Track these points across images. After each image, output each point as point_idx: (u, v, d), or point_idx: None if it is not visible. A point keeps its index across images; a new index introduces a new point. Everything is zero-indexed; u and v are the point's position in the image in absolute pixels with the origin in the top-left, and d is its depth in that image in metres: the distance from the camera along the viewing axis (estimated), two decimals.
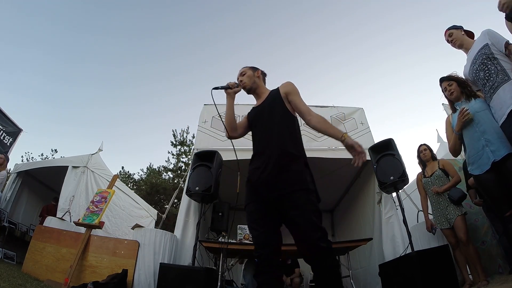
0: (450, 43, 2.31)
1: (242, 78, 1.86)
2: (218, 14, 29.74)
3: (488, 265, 2.98)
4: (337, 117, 4.59)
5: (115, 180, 3.99)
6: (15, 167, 6.10)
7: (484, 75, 1.99)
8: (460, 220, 2.75)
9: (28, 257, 3.36)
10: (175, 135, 14.44)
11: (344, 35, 30.82)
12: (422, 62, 33.74)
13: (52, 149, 15.42)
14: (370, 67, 33.85)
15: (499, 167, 1.90)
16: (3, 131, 6.06)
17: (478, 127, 2.08)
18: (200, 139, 4.38)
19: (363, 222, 4.48)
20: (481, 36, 2.07)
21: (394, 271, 2.84)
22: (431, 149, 3.32)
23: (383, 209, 3.69)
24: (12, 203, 5.59)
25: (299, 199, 1.46)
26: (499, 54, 1.93)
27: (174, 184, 13.15)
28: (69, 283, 2.88)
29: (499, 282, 2.43)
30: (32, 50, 25.73)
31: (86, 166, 5.24)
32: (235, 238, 3.36)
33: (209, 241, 3.29)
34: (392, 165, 3.28)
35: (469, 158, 2.14)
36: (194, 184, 3.39)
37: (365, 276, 4.09)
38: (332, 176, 4.74)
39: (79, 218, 3.49)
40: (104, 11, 26.23)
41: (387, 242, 3.48)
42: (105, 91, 29.46)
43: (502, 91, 1.87)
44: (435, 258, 2.56)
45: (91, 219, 3.36)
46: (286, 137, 1.62)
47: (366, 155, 1.47)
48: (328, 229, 6.10)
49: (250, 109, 1.91)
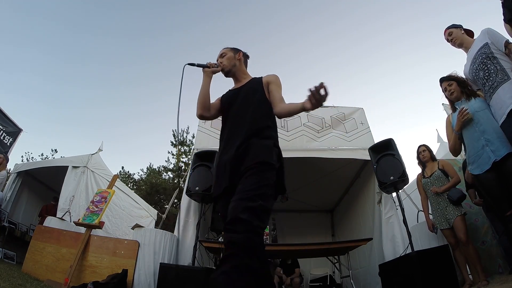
0: (450, 42, 2.31)
1: (221, 60, 1.75)
2: (218, 14, 29.75)
3: (488, 265, 2.98)
4: (337, 117, 4.59)
5: (115, 180, 4.00)
6: (15, 167, 6.10)
7: (483, 74, 1.99)
8: (459, 220, 2.74)
9: (28, 257, 3.36)
10: (175, 135, 14.46)
11: (344, 35, 30.82)
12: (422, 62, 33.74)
13: (52, 149, 15.40)
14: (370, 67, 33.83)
15: (499, 166, 1.90)
16: (3, 131, 6.06)
17: (478, 127, 2.08)
18: (200, 139, 4.38)
19: (363, 222, 4.48)
20: (481, 35, 2.07)
21: (394, 271, 2.84)
22: (430, 149, 3.32)
23: (383, 209, 3.68)
24: (12, 203, 5.59)
25: (255, 167, 1.33)
26: (499, 53, 1.93)
27: (174, 184, 13.16)
28: (69, 283, 2.88)
29: (499, 282, 2.43)
30: (32, 50, 25.74)
31: (86, 166, 5.24)
32: None
33: (209, 241, 3.29)
34: (392, 165, 3.28)
35: (469, 158, 2.14)
36: (194, 184, 3.39)
37: (365, 276, 4.09)
38: (332, 176, 4.75)
39: (79, 218, 3.50)
40: (104, 11, 26.23)
41: (387, 242, 3.48)
42: (105, 91, 29.45)
43: (502, 91, 1.87)
44: (435, 258, 2.56)
45: (91, 219, 3.36)
46: (259, 119, 1.54)
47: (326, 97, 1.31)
48: (328, 229, 6.19)
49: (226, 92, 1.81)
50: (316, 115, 4.58)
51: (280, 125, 4.46)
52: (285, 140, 4.28)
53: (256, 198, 1.22)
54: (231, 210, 1.20)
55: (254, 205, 1.19)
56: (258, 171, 1.32)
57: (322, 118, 4.54)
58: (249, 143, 1.44)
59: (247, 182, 1.29)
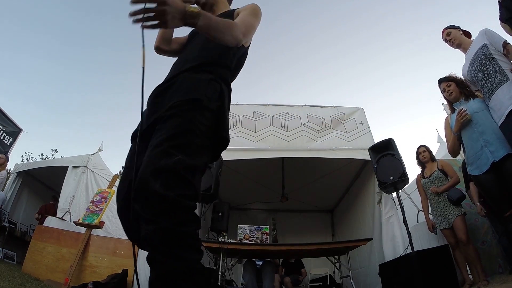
0: (448, 42, 2.31)
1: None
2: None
3: (488, 265, 2.98)
4: (337, 117, 4.59)
5: (115, 180, 4.00)
6: (15, 167, 6.10)
7: (482, 75, 1.99)
8: (459, 220, 2.75)
9: (28, 257, 3.37)
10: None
11: (345, 37, 30.84)
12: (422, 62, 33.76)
13: (52, 149, 15.43)
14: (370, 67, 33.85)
15: (498, 167, 1.90)
16: (3, 131, 6.06)
17: (476, 128, 2.08)
18: None
19: (363, 222, 4.48)
20: (479, 36, 2.07)
21: (394, 271, 2.83)
22: (430, 150, 3.33)
23: (383, 209, 3.68)
24: (12, 203, 5.59)
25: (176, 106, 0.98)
26: (497, 54, 1.94)
27: None
28: (69, 283, 2.88)
29: (499, 282, 2.43)
30: (33, 50, 25.76)
31: (86, 166, 5.25)
32: (235, 238, 3.36)
33: (209, 241, 3.29)
34: (392, 165, 3.28)
35: (468, 159, 2.14)
36: None
37: (365, 276, 4.09)
38: (332, 176, 4.75)
39: (79, 218, 3.50)
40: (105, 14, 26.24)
41: (387, 242, 3.48)
42: (105, 91, 29.49)
43: (501, 92, 1.87)
44: (435, 258, 2.56)
45: (91, 219, 3.36)
46: (207, 53, 1.18)
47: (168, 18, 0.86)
48: (328, 229, 6.19)
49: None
50: (316, 115, 4.59)
51: (280, 125, 4.46)
52: (285, 140, 4.28)
53: (172, 150, 0.87)
54: (140, 173, 0.86)
55: (168, 164, 0.84)
56: (178, 112, 0.96)
57: (322, 118, 4.54)
58: (179, 78, 1.11)
59: (162, 129, 0.94)
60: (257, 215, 6.24)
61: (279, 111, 4.65)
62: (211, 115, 1.02)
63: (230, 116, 4.82)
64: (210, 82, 1.08)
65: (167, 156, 0.86)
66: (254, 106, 4.71)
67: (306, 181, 5.00)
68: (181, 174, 0.86)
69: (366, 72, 36.10)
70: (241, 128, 4.39)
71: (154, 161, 0.86)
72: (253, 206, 5.99)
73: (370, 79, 35.95)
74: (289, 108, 4.69)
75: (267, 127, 4.42)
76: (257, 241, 3.29)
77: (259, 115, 4.58)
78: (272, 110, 4.65)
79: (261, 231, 3.35)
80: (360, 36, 31.29)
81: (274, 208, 6.09)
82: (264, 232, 3.35)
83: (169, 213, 0.81)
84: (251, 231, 3.35)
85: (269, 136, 4.31)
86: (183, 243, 0.83)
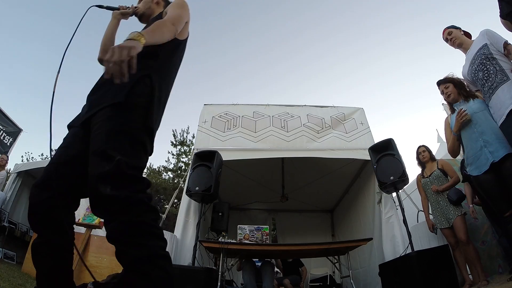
0: (449, 41, 2.30)
1: (138, 4, 1.60)
2: (215, 11, 29.76)
3: (488, 265, 2.98)
4: (337, 117, 4.59)
5: None
6: (15, 167, 6.10)
7: (483, 75, 1.99)
8: (459, 220, 2.75)
9: (28, 257, 3.37)
10: (175, 135, 14.44)
11: (344, 34, 30.83)
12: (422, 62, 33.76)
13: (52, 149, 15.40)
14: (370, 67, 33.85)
15: (498, 167, 1.90)
16: (3, 131, 6.07)
17: (476, 128, 2.08)
18: (200, 139, 4.38)
19: (363, 222, 4.48)
20: (480, 36, 2.07)
21: (394, 271, 2.83)
22: (429, 150, 3.33)
23: (383, 209, 3.69)
24: (12, 203, 5.58)
25: (105, 110, 1.03)
26: (498, 54, 1.93)
27: (174, 184, 13.13)
28: None
29: (499, 282, 2.43)
30: (34, 48, 25.74)
31: None
32: (235, 238, 3.36)
33: (209, 241, 3.29)
34: (392, 165, 3.28)
35: (467, 159, 2.14)
36: (194, 184, 3.39)
37: (365, 276, 4.09)
38: (332, 176, 4.75)
39: (79, 218, 3.49)
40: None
41: (387, 242, 3.48)
42: None
43: (501, 92, 1.87)
44: (435, 258, 2.56)
45: (91, 219, 3.36)
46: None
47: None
48: (328, 229, 6.20)
49: None
50: (316, 115, 4.59)
51: (280, 125, 4.46)
52: (285, 141, 4.28)
53: (110, 153, 0.92)
54: (89, 183, 0.92)
55: (111, 168, 0.89)
56: (109, 117, 1.01)
57: (322, 119, 4.54)
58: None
59: (97, 135, 0.99)
60: (257, 215, 6.25)
61: (279, 111, 4.65)
62: (143, 111, 1.08)
63: (230, 116, 4.82)
64: (140, 80, 1.12)
65: (107, 160, 0.91)
66: (254, 106, 4.71)
67: (306, 181, 5.01)
68: (127, 173, 0.92)
69: (366, 72, 36.12)
70: (241, 128, 4.40)
71: (98, 168, 0.91)
72: (253, 206, 5.99)
73: (370, 79, 35.96)
74: (289, 108, 4.70)
75: (267, 127, 4.43)
76: (257, 241, 3.29)
77: (259, 115, 4.58)
78: (272, 110, 4.65)
79: (261, 231, 3.35)
80: (362, 37, 31.29)
81: (274, 208, 6.10)
82: (264, 232, 3.35)
83: (124, 210, 0.88)
84: (251, 231, 3.35)
85: (269, 136, 4.32)
86: (142, 232, 0.89)
